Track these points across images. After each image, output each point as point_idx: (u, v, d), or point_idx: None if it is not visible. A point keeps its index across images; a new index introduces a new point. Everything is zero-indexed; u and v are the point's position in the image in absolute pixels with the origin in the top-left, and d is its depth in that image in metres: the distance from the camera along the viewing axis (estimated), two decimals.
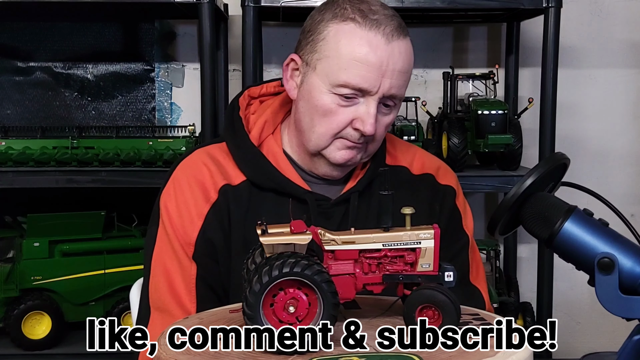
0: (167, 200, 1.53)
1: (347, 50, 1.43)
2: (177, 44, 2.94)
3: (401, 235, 1.14)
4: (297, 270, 1.03)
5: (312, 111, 1.48)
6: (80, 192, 2.72)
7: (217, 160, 1.55)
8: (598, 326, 3.02)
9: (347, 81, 1.42)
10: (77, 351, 2.56)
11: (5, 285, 2.56)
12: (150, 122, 2.92)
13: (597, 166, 2.99)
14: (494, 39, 2.97)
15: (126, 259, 2.66)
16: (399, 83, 1.46)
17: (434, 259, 1.13)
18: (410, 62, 1.49)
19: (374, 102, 1.44)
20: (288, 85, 1.54)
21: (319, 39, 1.47)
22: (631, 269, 1.13)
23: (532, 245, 2.91)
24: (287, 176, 1.53)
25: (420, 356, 1.03)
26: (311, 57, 1.48)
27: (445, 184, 1.64)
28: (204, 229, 1.49)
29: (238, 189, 1.52)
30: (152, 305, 1.51)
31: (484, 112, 2.50)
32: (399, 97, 1.48)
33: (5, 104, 2.90)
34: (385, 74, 1.43)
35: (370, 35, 1.42)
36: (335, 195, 1.55)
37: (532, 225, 1.20)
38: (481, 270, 1.66)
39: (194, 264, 1.49)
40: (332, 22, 1.46)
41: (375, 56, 1.42)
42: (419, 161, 1.65)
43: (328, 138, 1.48)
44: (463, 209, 1.65)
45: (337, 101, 1.45)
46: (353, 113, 1.45)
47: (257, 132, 1.56)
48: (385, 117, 1.49)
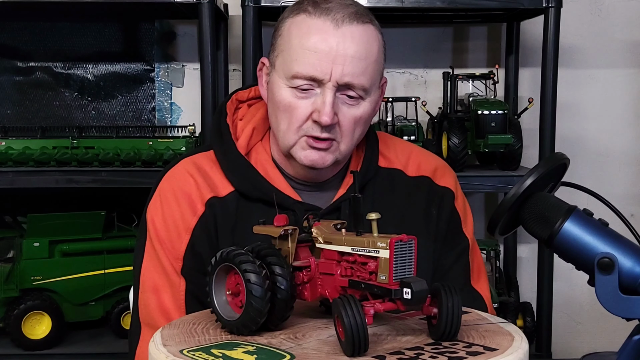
0: (154, 214, 1.50)
1: (297, 40, 1.41)
2: (177, 44, 2.95)
3: (363, 241, 1.11)
4: (225, 256, 1.15)
5: (275, 109, 1.45)
6: (80, 192, 2.72)
7: (203, 171, 1.51)
8: (598, 326, 3.02)
9: (298, 71, 1.40)
10: (77, 351, 2.57)
11: (5, 285, 2.56)
12: (150, 122, 2.92)
13: (597, 166, 2.99)
14: (494, 39, 2.97)
15: (126, 259, 2.66)
16: (354, 70, 1.39)
17: (388, 271, 1.06)
18: (369, 49, 1.41)
19: (329, 91, 1.39)
20: (262, 91, 1.53)
21: (277, 36, 1.46)
22: (631, 269, 1.12)
23: (532, 245, 2.91)
24: (276, 186, 1.49)
25: (291, 353, 1.04)
26: (273, 56, 1.47)
27: (443, 186, 1.59)
28: (192, 243, 1.47)
29: (225, 201, 1.49)
30: (142, 320, 1.49)
31: (484, 112, 2.50)
32: (360, 87, 1.41)
33: (5, 104, 2.90)
34: (335, 59, 1.38)
35: (319, 23, 1.39)
36: (326, 204, 1.51)
37: (532, 225, 1.20)
38: (483, 274, 1.63)
39: (183, 279, 1.47)
40: (287, 18, 1.45)
41: (323, 42, 1.38)
42: (414, 162, 1.60)
43: (292, 135, 1.43)
44: (463, 212, 1.60)
45: (295, 94, 1.42)
46: (312, 105, 1.41)
47: (245, 141, 1.53)
48: (351, 110, 1.42)
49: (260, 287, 1.10)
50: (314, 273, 1.17)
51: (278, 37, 1.46)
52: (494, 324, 1.19)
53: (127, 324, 2.62)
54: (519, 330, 1.15)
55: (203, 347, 1.09)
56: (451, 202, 1.59)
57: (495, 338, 1.11)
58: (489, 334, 1.13)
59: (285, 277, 1.12)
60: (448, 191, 1.59)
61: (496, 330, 1.15)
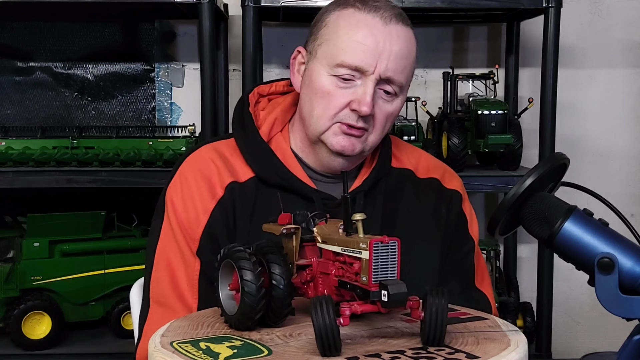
0: (174, 195, 1.52)
1: (345, 31, 1.46)
2: (177, 44, 2.95)
3: (349, 241, 1.11)
4: (226, 253, 1.16)
5: (311, 95, 1.49)
6: (80, 192, 2.72)
7: (224, 157, 1.55)
8: (598, 326, 3.02)
9: (344, 60, 1.44)
10: (77, 351, 2.57)
11: (5, 285, 2.56)
12: (150, 122, 2.92)
13: (597, 166, 2.99)
14: (494, 39, 2.97)
15: (126, 259, 2.66)
16: (397, 66, 1.46)
17: (368, 272, 1.06)
18: (410, 50, 1.50)
19: (370, 83, 1.44)
20: (294, 78, 1.56)
21: (320, 27, 1.51)
22: (631, 269, 1.12)
23: (532, 245, 2.91)
24: (294, 173, 1.53)
25: (270, 349, 1.05)
26: (313, 45, 1.51)
27: (452, 189, 1.63)
28: (209, 225, 1.49)
29: (245, 186, 1.52)
30: (152, 298, 1.51)
31: (484, 112, 2.50)
32: (398, 84, 1.48)
33: (5, 104, 2.90)
34: (382, 54, 1.44)
35: (368, 18, 1.45)
36: (340, 195, 1.54)
37: (532, 225, 1.20)
38: (487, 276, 1.66)
39: (198, 259, 1.49)
40: (334, 11, 1.50)
41: (372, 36, 1.44)
42: (424, 165, 1.65)
43: (326, 120, 1.47)
44: (469, 214, 1.64)
45: (335, 83, 1.46)
46: (351, 95, 1.46)
47: (267, 129, 1.57)
48: (386, 105, 1.48)
49: (254, 284, 1.11)
50: (315, 272, 1.18)
51: (322, 27, 1.50)
52: (501, 332, 1.16)
53: (127, 324, 2.63)
54: (522, 340, 1.10)
55: (193, 340, 1.11)
56: (459, 204, 1.63)
57: (489, 346, 1.08)
58: (487, 342, 1.10)
59: (282, 276, 1.13)
60: (456, 193, 1.63)
61: (498, 338, 1.12)
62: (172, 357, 1.03)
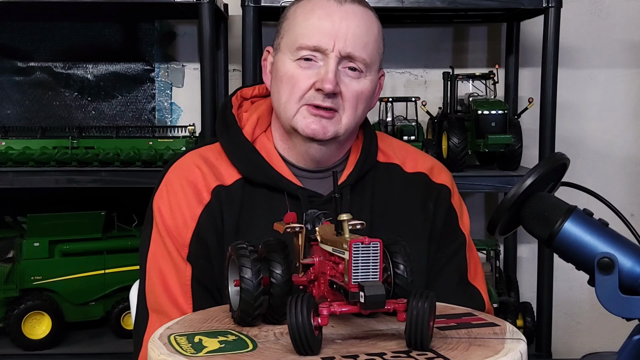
0: (160, 203, 1.53)
1: (302, 17, 1.50)
2: (177, 44, 2.95)
3: (336, 241, 1.11)
4: (231, 249, 1.18)
5: (278, 84, 1.51)
6: (80, 192, 2.72)
7: (209, 162, 1.55)
8: (598, 326, 3.02)
9: (302, 42, 1.48)
10: (77, 351, 2.57)
11: (5, 285, 2.56)
12: (150, 122, 2.92)
13: (597, 166, 2.99)
14: (494, 39, 2.97)
15: (126, 259, 2.66)
16: (356, 43, 1.47)
17: (348, 273, 1.05)
18: (370, 27, 1.51)
19: (332, 61, 1.46)
20: (265, 78, 1.59)
21: (282, 22, 1.55)
22: (631, 269, 1.12)
23: (532, 245, 2.91)
24: (279, 172, 1.53)
25: (256, 344, 1.07)
26: (278, 40, 1.55)
27: (440, 183, 1.62)
28: (198, 230, 1.50)
29: (231, 189, 1.52)
30: (149, 307, 1.51)
31: (484, 112, 2.50)
32: (361, 60, 1.48)
33: (5, 104, 2.90)
34: (339, 31, 1.46)
35: (323, 2, 1.50)
36: (327, 191, 1.54)
37: (532, 225, 1.20)
38: (480, 270, 1.65)
39: (189, 265, 1.49)
40: (292, 5, 1.55)
41: (327, 16, 1.47)
42: (412, 160, 1.64)
43: (293, 104, 1.49)
44: (459, 208, 1.64)
45: (298, 66, 1.48)
46: (315, 76, 1.47)
47: (251, 129, 1.58)
48: (353, 83, 1.49)
49: (251, 281, 1.12)
50: (317, 271, 1.18)
51: (283, 21, 1.55)
52: (500, 339, 1.12)
53: (127, 324, 2.63)
54: (514, 349, 1.06)
55: (190, 333, 1.12)
56: (448, 198, 1.62)
57: (475, 353, 1.05)
58: (477, 349, 1.06)
59: (281, 274, 1.13)
60: (445, 188, 1.63)
61: (492, 346, 1.08)
62: (159, 349, 1.05)
